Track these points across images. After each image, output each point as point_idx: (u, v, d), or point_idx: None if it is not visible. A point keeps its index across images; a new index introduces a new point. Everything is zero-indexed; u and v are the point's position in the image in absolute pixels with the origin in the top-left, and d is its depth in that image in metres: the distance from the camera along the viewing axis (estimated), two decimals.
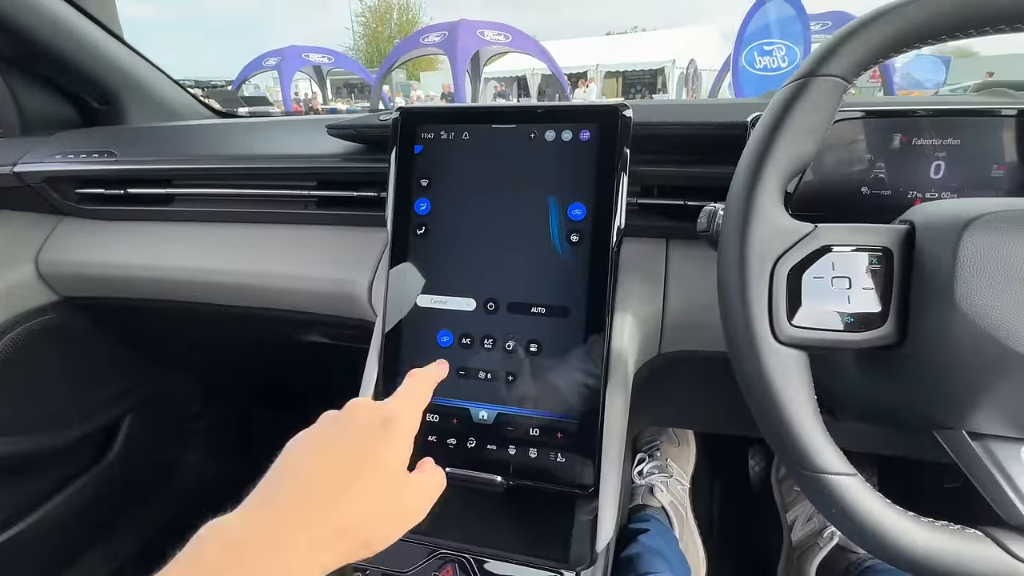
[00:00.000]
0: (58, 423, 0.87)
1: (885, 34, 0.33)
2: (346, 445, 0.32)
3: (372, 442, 0.33)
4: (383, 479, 0.32)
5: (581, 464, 0.50)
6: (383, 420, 0.34)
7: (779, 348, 0.33)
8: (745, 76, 5.44)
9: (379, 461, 0.32)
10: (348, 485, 0.31)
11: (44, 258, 0.81)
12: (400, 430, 0.34)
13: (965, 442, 0.34)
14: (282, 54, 9.72)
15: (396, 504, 0.33)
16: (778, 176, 0.34)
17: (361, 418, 0.34)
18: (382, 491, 0.32)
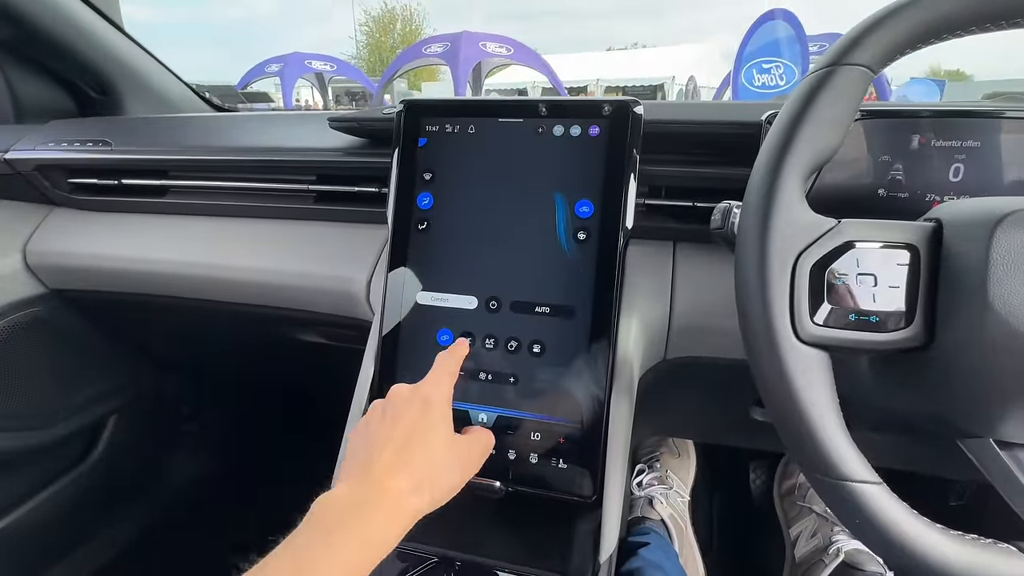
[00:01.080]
0: (41, 421, 0.84)
1: (914, 23, 0.32)
2: (400, 423, 0.39)
3: (419, 418, 0.40)
4: (439, 441, 0.40)
5: (583, 472, 0.48)
6: (423, 401, 0.41)
7: (801, 347, 0.32)
8: (744, 93, 5.51)
9: (429, 429, 0.40)
10: (413, 449, 0.38)
11: (32, 248, 0.78)
12: (438, 406, 0.41)
13: (993, 451, 0.32)
14: (285, 60, 9.77)
15: (455, 458, 0.41)
16: (801, 168, 0.33)
17: (402, 402, 0.41)
18: (441, 450, 0.40)
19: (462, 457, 0.42)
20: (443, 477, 0.39)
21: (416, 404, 0.41)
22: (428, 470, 0.38)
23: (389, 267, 0.54)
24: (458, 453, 0.41)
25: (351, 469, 0.38)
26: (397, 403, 0.41)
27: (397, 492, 0.36)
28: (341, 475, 0.39)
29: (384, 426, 0.39)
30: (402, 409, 0.40)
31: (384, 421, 0.40)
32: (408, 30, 24.10)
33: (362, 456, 0.38)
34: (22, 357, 0.80)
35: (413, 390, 0.42)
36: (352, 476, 0.37)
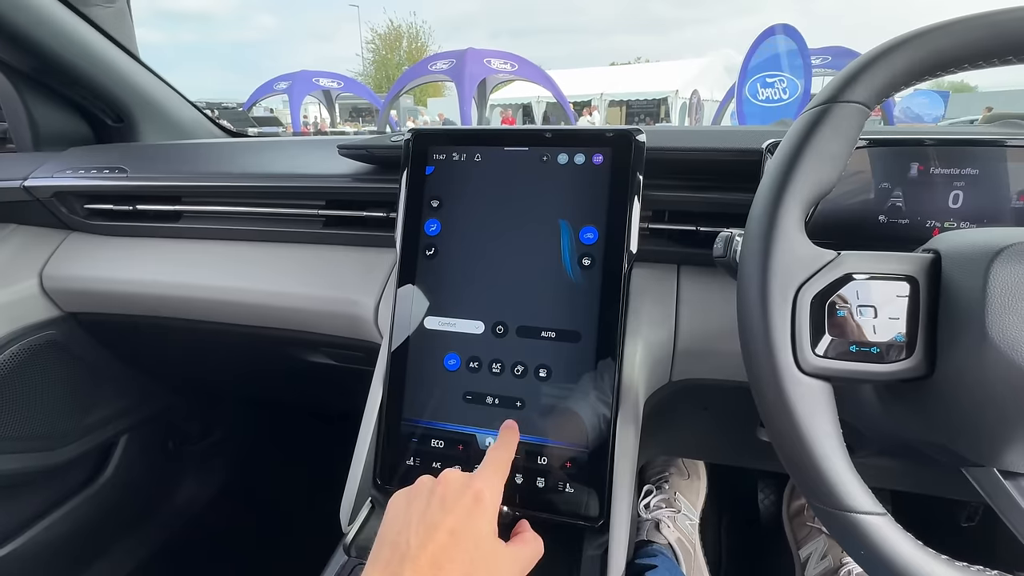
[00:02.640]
0: (53, 442, 0.85)
1: (908, 61, 0.33)
2: (443, 517, 0.37)
3: (467, 516, 0.37)
4: (482, 550, 0.37)
5: (590, 495, 0.48)
6: (475, 496, 0.38)
7: (803, 378, 0.32)
8: (749, 107, 5.54)
9: (476, 533, 0.37)
10: (452, 556, 0.35)
11: (48, 272, 0.80)
12: (490, 505, 0.39)
13: (997, 481, 0.32)
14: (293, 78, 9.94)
15: (496, 569, 0.37)
16: (800, 202, 0.33)
17: (454, 492, 0.38)
18: (482, 560, 0.36)
19: (502, 570, 0.38)
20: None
21: (468, 498, 0.38)
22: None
23: (397, 292, 0.55)
24: (498, 566, 0.38)
25: (385, 557, 0.36)
26: (447, 492, 0.38)
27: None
28: (375, 551, 0.36)
29: (428, 515, 0.37)
30: (452, 500, 0.38)
31: (429, 508, 0.37)
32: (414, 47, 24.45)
33: (400, 544, 0.36)
34: (36, 379, 0.82)
35: (466, 481, 0.39)
36: (385, 566, 0.35)
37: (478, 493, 0.38)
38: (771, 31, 5.39)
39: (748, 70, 5.53)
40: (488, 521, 0.38)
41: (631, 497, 0.51)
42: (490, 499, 0.39)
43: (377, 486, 0.54)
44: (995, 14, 0.32)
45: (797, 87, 5.28)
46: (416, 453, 0.53)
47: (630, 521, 0.50)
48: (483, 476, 0.40)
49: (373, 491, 0.55)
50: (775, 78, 5.36)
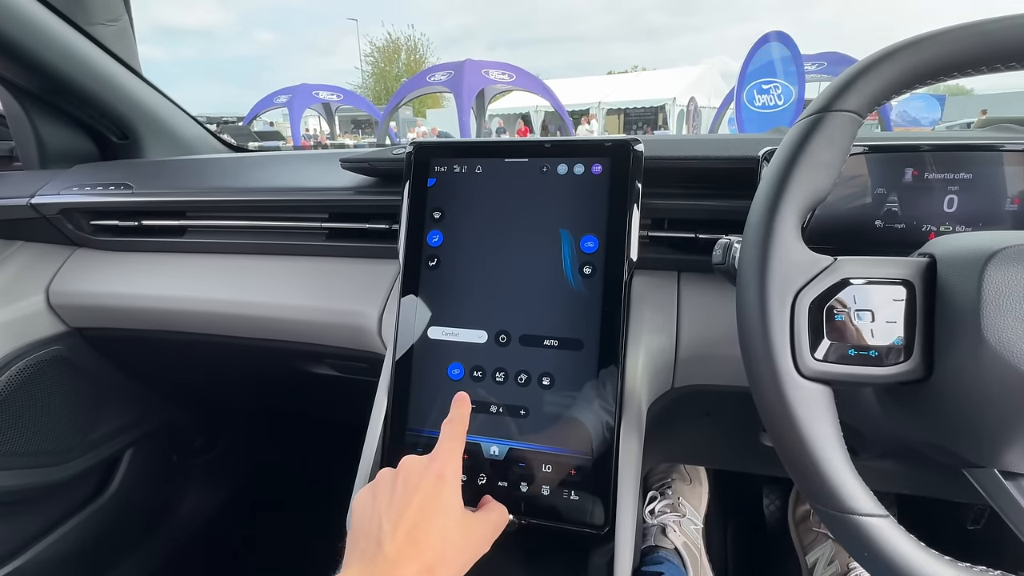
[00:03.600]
0: (58, 457, 0.86)
1: (899, 70, 0.33)
2: (412, 499, 0.39)
3: (433, 493, 0.39)
4: (452, 520, 0.39)
5: (595, 503, 0.49)
6: (437, 474, 0.40)
7: (803, 383, 0.33)
8: (746, 113, 5.59)
9: (444, 506, 0.39)
10: (427, 528, 0.37)
11: (55, 289, 0.81)
12: (451, 480, 0.40)
13: (998, 481, 0.33)
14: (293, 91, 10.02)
15: (466, 538, 0.40)
16: (796, 210, 0.34)
17: (415, 474, 0.40)
18: (454, 529, 0.39)
19: (474, 536, 0.41)
20: (455, 558, 0.38)
21: (429, 478, 0.40)
22: (441, 550, 0.37)
23: (400, 303, 0.56)
24: (469, 531, 0.41)
25: (361, 546, 0.37)
26: (409, 476, 0.40)
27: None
28: (350, 549, 0.38)
29: (395, 500, 0.39)
30: (414, 483, 0.39)
31: (395, 494, 0.39)
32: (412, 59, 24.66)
33: (373, 531, 0.37)
34: (42, 395, 0.82)
35: (426, 463, 0.41)
36: (363, 558, 0.36)
37: (439, 471, 0.40)
38: (766, 39, 5.45)
39: (745, 77, 5.58)
40: (453, 494, 0.40)
41: (636, 504, 0.51)
42: (451, 474, 0.41)
43: None
44: (984, 23, 0.33)
45: (792, 93, 5.33)
46: None
47: (635, 528, 0.50)
48: (440, 455, 0.42)
49: None
50: (771, 84, 5.42)
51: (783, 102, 5.40)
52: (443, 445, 0.43)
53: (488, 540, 0.42)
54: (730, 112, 6.86)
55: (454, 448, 0.43)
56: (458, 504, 0.40)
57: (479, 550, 0.41)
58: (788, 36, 5.39)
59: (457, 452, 0.43)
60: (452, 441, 0.43)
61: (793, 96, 5.37)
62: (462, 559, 0.39)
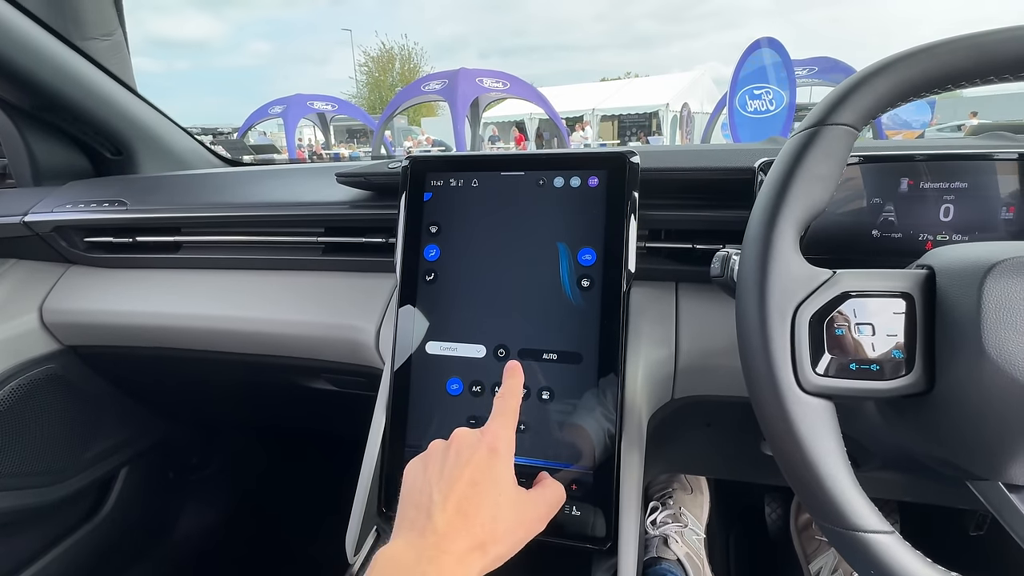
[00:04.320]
0: (52, 477, 0.84)
1: (894, 83, 0.34)
2: (464, 472, 0.37)
3: (485, 468, 0.38)
4: (505, 496, 0.38)
5: (597, 518, 0.48)
6: (489, 447, 0.39)
7: (804, 398, 0.32)
8: (739, 118, 5.65)
9: (497, 483, 0.38)
10: (478, 503, 0.36)
11: (49, 307, 0.80)
12: (505, 453, 0.39)
13: (1002, 494, 0.33)
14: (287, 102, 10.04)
15: (520, 515, 0.38)
16: (794, 223, 0.34)
17: (468, 446, 0.39)
18: (506, 506, 0.37)
19: (528, 514, 0.39)
20: (507, 535, 0.37)
21: (482, 452, 0.38)
22: (492, 527, 0.36)
23: (398, 318, 0.55)
24: (524, 510, 0.39)
25: (411, 515, 0.36)
26: (461, 448, 0.38)
27: (459, 553, 0.34)
28: (399, 519, 0.37)
29: (446, 471, 0.37)
30: (467, 456, 0.38)
31: (445, 466, 0.38)
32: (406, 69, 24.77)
33: (423, 502, 0.36)
34: (35, 414, 0.81)
35: (478, 436, 0.39)
36: (413, 528, 0.35)
37: (492, 444, 0.39)
38: (756, 45, 5.50)
39: (736, 83, 5.63)
40: (506, 469, 0.38)
41: (638, 518, 0.50)
42: (504, 448, 0.39)
43: (382, 515, 0.54)
44: (978, 36, 0.33)
45: (783, 98, 5.38)
46: None
47: (638, 542, 0.50)
48: (494, 427, 0.40)
49: (378, 520, 0.54)
50: (762, 90, 5.47)
51: (775, 107, 5.45)
52: (496, 419, 0.41)
53: (542, 520, 0.40)
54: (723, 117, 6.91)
55: (507, 422, 0.41)
56: (511, 480, 0.39)
57: (533, 529, 0.39)
58: (778, 42, 5.44)
59: (510, 426, 0.41)
60: (505, 415, 0.41)
61: (785, 101, 5.43)
62: (515, 537, 0.38)
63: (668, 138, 11.82)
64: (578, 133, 12.29)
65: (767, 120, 5.49)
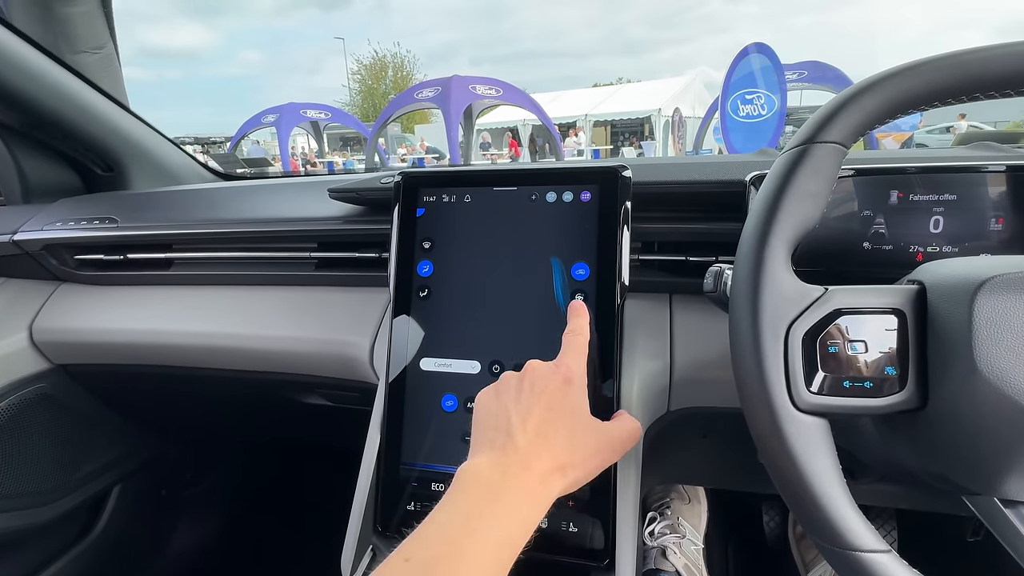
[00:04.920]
0: (43, 498, 0.83)
1: (881, 101, 0.34)
2: (538, 398, 0.38)
3: (560, 395, 0.39)
4: (580, 423, 0.39)
5: (595, 534, 0.48)
6: (564, 378, 0.40)
7: (799, 416, 0.32)
8: (731, 123, 5.69)
9: (570, 408, 0.39)
10: (557, 427, 0.37)
11: (39, 325, 0.79)
12: (579, 384, 0.40)
13: (997, 509, 0.33)
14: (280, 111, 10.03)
15: (597, 442, 0.39)
16: (785, 241, 0.34)
17: (543, 376, 0.39)
18: (582, 432, 0.38)
19: (604, 442, 0.40)
20: (584, 461, 0.38)
21: (557, 381, 0.39)
22: (571, 451, 0.37)
23: (391, 335, 0.55)
24: (599, 438, 0.40)
25: (489, 436, 0.37)
26: (535, 379, 0.39)
27: (541, 472, 0.35)
28: (476, 441, 0.38)
29: (523, 398, 0.38)
30: (541, 385, 0.39)
31: (522, 393, 0.38)
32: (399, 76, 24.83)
33: (501, 424, 0.37)
34: (26, 434, 0.80)
35: (552, 367, 0.40)
36: (494, 447, 0.36)
37: (567, 374, 0.40)
38: (747, 50, 5.55)
39: (728, 88, 5.68)
40: (581, 398, 0.40)
41: (636, 534, 0.50)
42: (578, 379, 0.40)
43: (378, 533, 0.53)
44: (962, 54, 0.33)
45: (774, 103, 5.43)
46: (416, 497, 0.52)
47: (635, 559, 0.49)
48: (566, 361, 0.41)
49: (374, 539, 0.54)
50: (753, 95, 5.52)
51: (767, 112, 5.50)
52: (567, 353, 0.42)
53: (619, 450, 0.41)
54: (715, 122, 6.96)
55: (579, 355, 0.42)
56: (586, 409, 0.40)
57: (609, 457, 0.40)
58: (768, 47, 5.49)
59: (582, 359, 0.42)
60: (575, 349, 0.43)
61: (776, 105, 5.47)
62: (592, 463, 0.38)
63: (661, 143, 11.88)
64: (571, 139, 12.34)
65: (759, 124, 5.53)
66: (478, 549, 0.31)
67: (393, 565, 0.30)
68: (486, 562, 0.31)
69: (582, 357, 0.43)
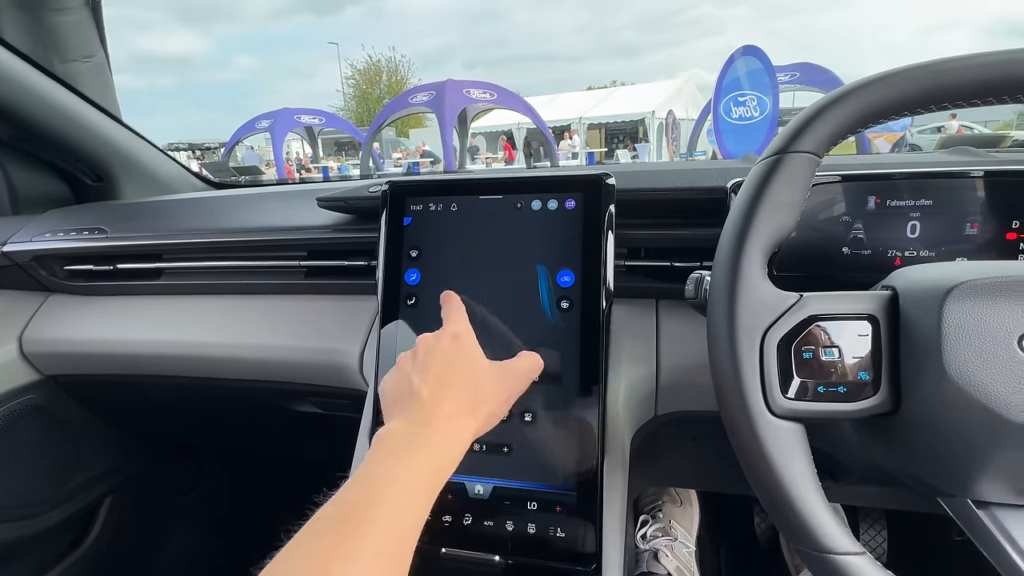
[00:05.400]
0: (33, 510, 0.83)
1: (852, 111, 0.34)
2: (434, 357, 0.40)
3: (454, 350, 0.41)
4: (479, 366, 0.42)
5: (582, 539, 0.48)
6: (452, 335, 0.42)
7: (775, 422, 0.33)
8: (724, 124, 5.72)
9: (469, 358, 0.42)
10: (456, 377, 0.39)
11: (28, 336, 0.79)
12: (466, 336, 0.43)
13: (970, 510, 0.33)
14: (274, 116, 10.01)
15: (498, 378, 0.42)
16: (761, 249, 0.35)
17: (432, 340, 0.42)
18: (483, 374, 0.41)
19: (507, 376, 0.43)
20: (491, 398, 0.41)
21: (446, 340, 0.42)
22: (474, 394, 0.39)
23: (379, 343, 0.55)
24: (503, 376, 0.43)
25: (398, 405, 0.39)
26: (425, 344, 0.42)
27: (449, 417, 0.37)
28: (388, 414, 0.39)
29: (418, 365, 0.40)
30: (433, 346, 0.41)
31: (416, 359, 0.41)
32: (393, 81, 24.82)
33: (404, 392, 0.39)
34: (16, 447, 0.80)
35: (437, 332, 0.43)
36: (402, 408, 0.38)
37: (453, 331, 0.43)
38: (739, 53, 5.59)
39: (720, 90, 5.71)
40: (473, 347, 0.42)
41: (623, 539, 0.51)
42: (465, 332, 0.43)
43: None
44: (935, 64, 0.34)
45: (766, 104, 5.46)
46: None
47: (623, 562, 0.50)
48: (447, 320, 0.44)
49: None
50: (746, 97, 5.55)
51: (759, 114, 5.53)
52: (448, 316, 0.45)
53: (523, 381, 0.44)
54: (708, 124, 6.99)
55: (458, 314, 0.45)
56: (481, 355, 0.42)
57: (515, 390, 0.43)
58: (760, 49, 5.53)
59: (462, 315, 0.45)
60: (453, 309, 0.45)
61: (768, 107, 5.51)
62: (499, 398, 0.41)
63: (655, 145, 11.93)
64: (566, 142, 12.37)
65: (752, 126, 5.57)
66: (393, 494, 0.32)
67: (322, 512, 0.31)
68: (401, 505, 0.32)
69: (461, 313, 0.45)
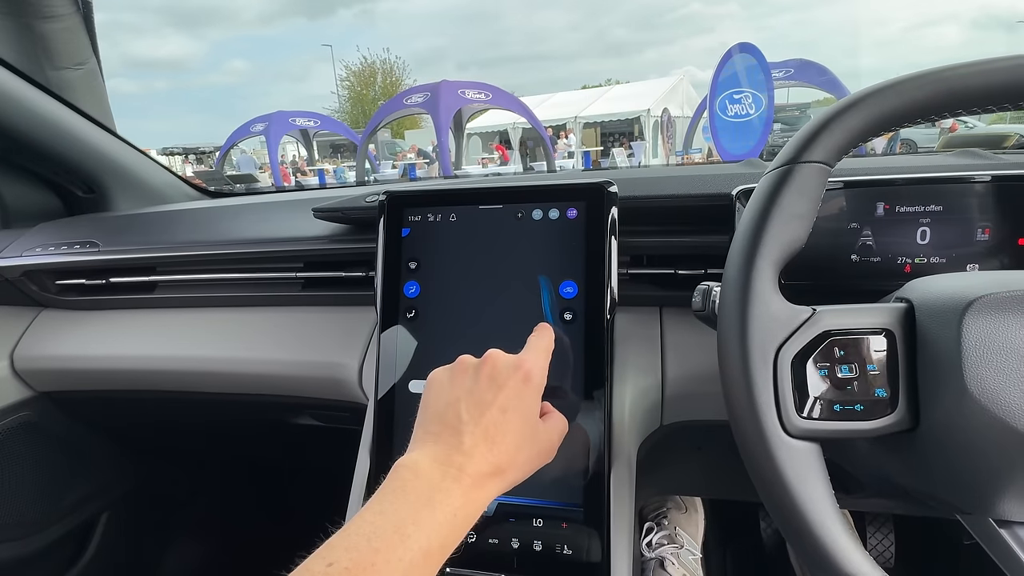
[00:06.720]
0: (26, 529, 0.81)
1: (863, 120, 0.34)
2: (494, 395, 0.37)
3: (516, 395, 0.37)
4: (528, 426, 0.38)
5: (589, 556, 0.47)
6: (525, 376, 0.38)
7: (791, 442, 0.32)
8: (720, 122, 5.72)
9: (524, 411, 0.38)
10: (503, 431, 0.36)
11: (20, 353, 0.78)
12: (537, 383, 0.39)
13: (992, 529, 0.32)
14: (269, 119, 9.97)
15: (536, 446, 0.39)
16: (772, 263, 0.34)
17: (503, 371, 0.38)
18: (528, 436, 0.38)
19: (542, 443, 0.40)
20: (525, 464, 0.38)
21: (517, 379, 0.38)
22: (514, 456, 0.36)
23: (379, 357, 0.54)
24: (539, 439, 0.39)
25: (434, 429, 0.36)
26: (496, 371, 0.38)
27: (480, 476, 0.34)
28: (421, 431, 0.37)
29: (477, 391, 0.37)
30: (501, 380, 0.38)
31: (477, 384, 0.37)
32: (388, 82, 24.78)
33: (449, 418, 0.36)
34: (10, 464, 0.78)
35: (516, 362, 0.39)
36: (438, 443, 0.35)
37: (528, 372, 0.39)
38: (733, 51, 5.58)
39: (715, 88, 5.71)
40: (535, 399, 0.39)
41: (631, 552, 0.50)
42: (538, 378, 0.39)
43: None
44: (943, 71, 0.33)
45: (761, 102, 5.46)
46: None
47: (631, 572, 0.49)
48: (530, 357, 0.40)
49: None
50: (741, 94, 5.54)
51: (754, 111, 5.53)
52: (531, 350, 0.41)
53: (552, 450, 0.41)
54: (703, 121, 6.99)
55: (543, 354, 0.41)
56: (536, 411, 0.39)
57: (545, 458, 0.40)
58: (754, 46, 5.52)
59: (546, 358, 0.41)
60: (539, 349, 0.42)
61: (764, 104, 5.50)
62: (530, 465, 0.38)
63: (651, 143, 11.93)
64: (562, 141, 12.35)
65: (747, 124, 5.56)
66: (407, 556, 0.30)
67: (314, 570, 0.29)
68: (413, 569, 0.30)
69: (546, 357, 0.42)
